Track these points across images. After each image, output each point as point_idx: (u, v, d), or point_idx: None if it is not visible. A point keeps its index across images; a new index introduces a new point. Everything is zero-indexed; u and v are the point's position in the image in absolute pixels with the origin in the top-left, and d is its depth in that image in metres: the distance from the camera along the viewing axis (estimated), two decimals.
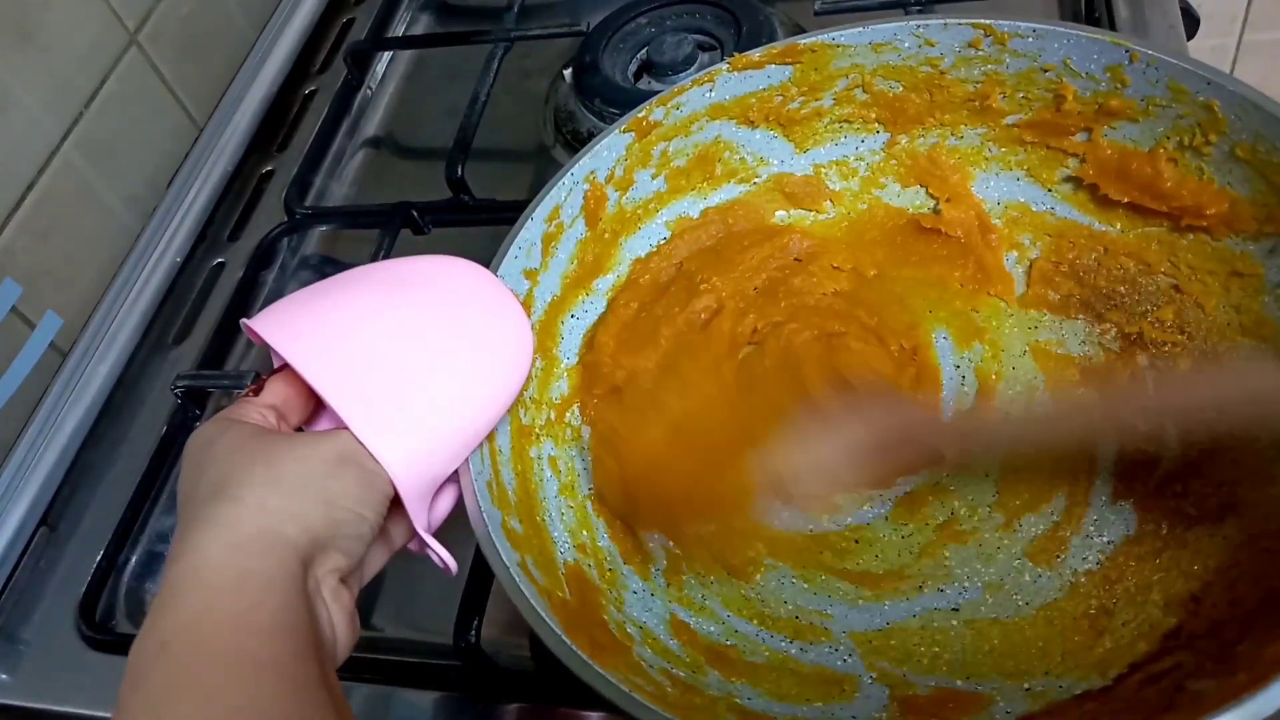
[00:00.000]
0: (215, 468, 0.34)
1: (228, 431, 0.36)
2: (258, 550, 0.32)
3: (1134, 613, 0.40)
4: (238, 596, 0.31)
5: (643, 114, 0.50)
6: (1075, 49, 0.46)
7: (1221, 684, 0.32)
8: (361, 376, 0.37)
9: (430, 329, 0.39)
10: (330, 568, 0.34)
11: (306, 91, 0.79)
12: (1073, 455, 0.45)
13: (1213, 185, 0.44)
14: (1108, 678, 0.38)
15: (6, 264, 0.62)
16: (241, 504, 0.33)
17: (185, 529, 0.33)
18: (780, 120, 0.53)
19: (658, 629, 0.43)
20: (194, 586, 0.31)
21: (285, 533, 0.32)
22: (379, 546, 0.39)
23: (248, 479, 0.33)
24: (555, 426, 0.48)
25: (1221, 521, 0.40)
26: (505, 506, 0.41)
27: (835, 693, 0.40)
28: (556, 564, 0.42)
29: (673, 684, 0.39)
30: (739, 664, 0.42)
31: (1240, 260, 0.44)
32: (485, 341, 0.41)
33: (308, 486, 0.34)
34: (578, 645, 0.35)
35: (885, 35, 0.49)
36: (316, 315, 0.39)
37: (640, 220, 0.52)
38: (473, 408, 0.40)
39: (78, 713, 0.52)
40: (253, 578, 0.31)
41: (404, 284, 0.41)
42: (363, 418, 0.36)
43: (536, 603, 0.37)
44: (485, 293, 0.43)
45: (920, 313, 0.51)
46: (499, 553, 0.38)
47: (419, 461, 0.37)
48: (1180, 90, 0.44)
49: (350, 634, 0.35)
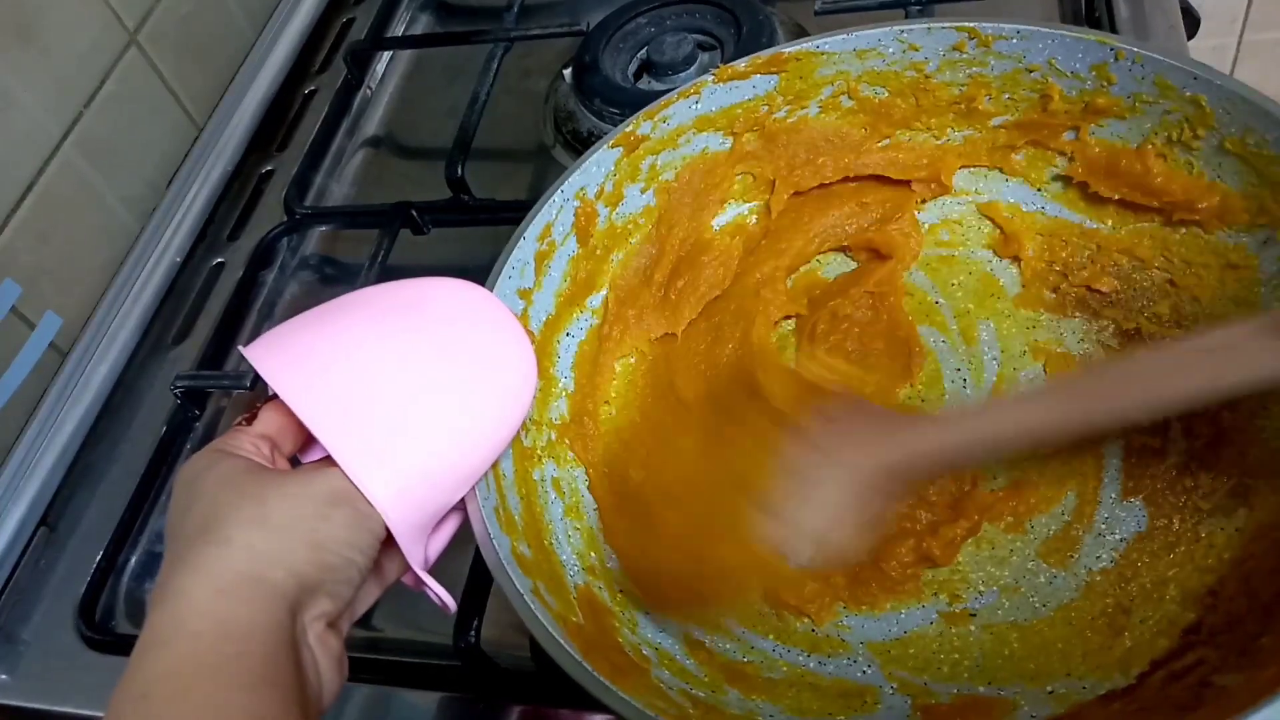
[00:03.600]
0: (203, 504, 0.33)
1: (218, 464, 0.35)
2: (243, 596, 0.31)
3: (1152, 609, 0.40)
4: (221, 645, 0.30)
5: (630, 128, 0.50)
6: (1060, 49, 0.46)
7: (1249, 678, 0.32)
8: (356, 411, 0.35)
9: (429, 360, 0.38)
10: (317, 613, 0.33)
11: (306, 91, 0.79)
12: (1079, 453, 0.45)
13: (1203, 179, 0.44)
14: (1130, 676, 0.38)
15: (6, 264, 0.62)
16: (229, 545, 0.32)
17: (170, 568, 0.32)
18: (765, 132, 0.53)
19: (673, 649, 0.42)
20: (177, 634, 0.30)
21: (272, 578, 0.32)
22: (372, 582, 0.38)
23: (235, 518, 0.32)
24: (556, 447, 0.47)
25: (1233, 514, 0.40)
26: (513, 532, 0.41)
27: (857, 705, 0.40)
28: (567, 588, 0.42)
29: (694, 705, 0.39)
30: (758, 681, 0.41)
31: (1234, 253, 0.44)
32: (487, 369, 0.40)
33: (297, 529, 0.33)
34: (598, 670, 0.35)
35: (869, 41, 0.49)
36: (312, 346, 0.37)
37: (630, 235, 0.52)
38: (473, 440, 0.38)
39: (77, 713, 0.52)
40: (237, 625, 0.30)
41: (404, 310, 0.40)
42: (355, 456, 0.34)
43: (554, 629, 0.36)
44: (486, 317, 0.41)
45: (918, 315, 0.51)
46: (512, 580, 0.37)
47: (414, 499, 0.36)
48: (1167, 86, 0.44)
49: (337, 679, 0.34)
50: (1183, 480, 0.43)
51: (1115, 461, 0.45)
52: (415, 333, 0.39)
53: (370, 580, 0.38)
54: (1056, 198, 0.50)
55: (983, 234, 0.52)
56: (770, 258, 0.53)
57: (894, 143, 0.52)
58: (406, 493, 0.35)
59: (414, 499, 0.36)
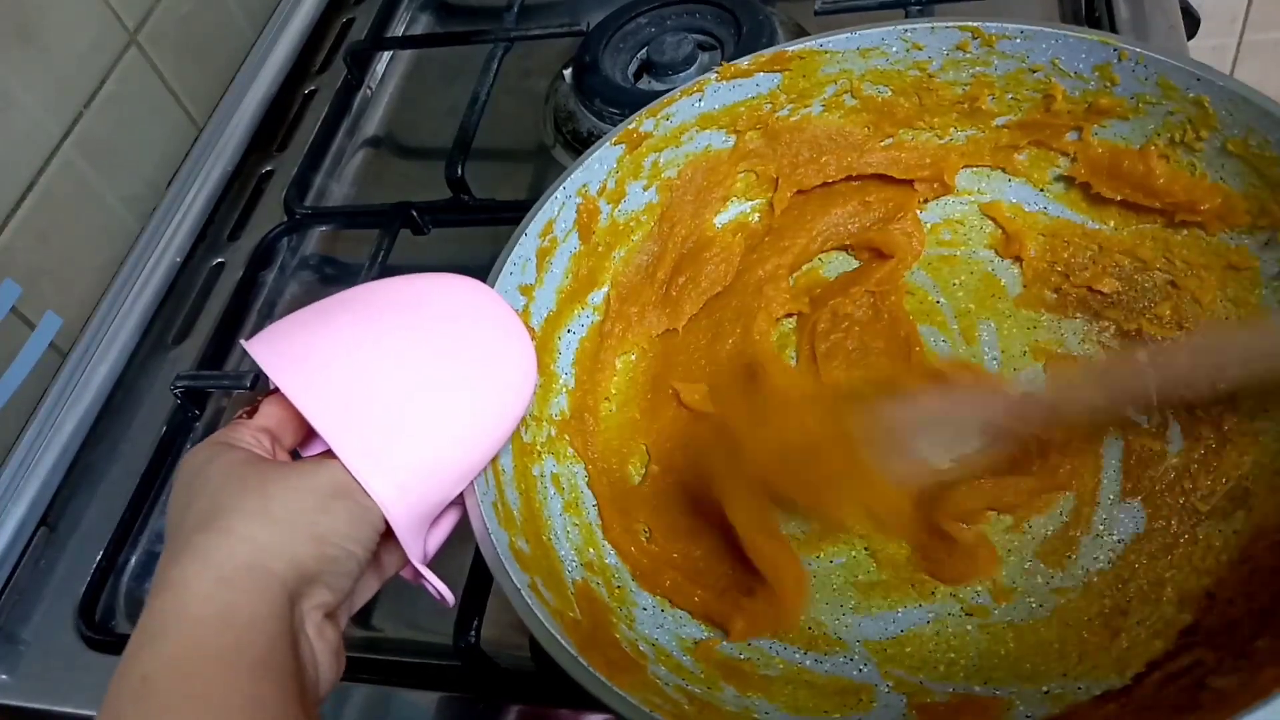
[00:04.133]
0: (205, 495, 0.34)
1: (220, 456, 0.35)
2: (245, 585, 0.31)
3: (1149, 611, 0.40)
4: (223, 633, 0.30)
5: (633, 125, 0.50)
6: (1063, 49, 0.46)
7: (1244, 681, 0.32)
8: (356, 406, 0.36)
9: (430, 355, 0.38)
10: (316, 603, 0.34)
11: (306, 91, 0.79)
12: (1078, 453, 0.45)
13: (1205, 180, 0.44)
14: (1126, 677, 0.38)
15: (6, 264, 0.62)
16: (231, 536, 0.32)
17: (172, 557, 0.32)
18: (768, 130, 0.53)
19: (670, 645, 0.42)
20: (179, 620, 0.30)
21: (273, 568, 0.32)
22: (371, 575, 0.38)
23: (238, 509, 0.33)
24: (556, 443, 0.47)
25: (1231, 516, 0.40)
26: (511, 527, 0.41)
27: (852, 703, 0.40)
28: (565, 584, 0.42)
29: (690, 701, 0.39)
30: (754, 678, 0.41)
31: (1235, 254, 0.44)
32: (486, 365, 0.40)
33: (298, 521, 0.33)
34: (594, 666, 0.35)
35: (873, 40, 0.49)
36: (314, 340, 0.38)
37: (633, 232, 0.52)
38: (473, 435, 0.39)
39: (77, 713, 0.52)
40: (239, 614, 0.31)
41: (405, 306, 0.40)
42: (355, 450, 0.35)
43: (550, 625, 0.36)
44: (487, 313, 0.42)
45: (919, 314, 0.51)
46: (509, 575, 0.37)
47: (413, 493, 0.36)
48: (1170, 87, 0.44)
49: (334, 669, 0.34)
50: (1181, 482, 0.43)
51: (1114, 462, 0.45)
52: (416, 328, 0.39)
53: (370, 573, 0.38)
54: (1059, 198, 0.50)
55: (984, 234, 0.52)
56: (772, 255, 0.53)
57: (897, 142, 0.52)
58: (406, 487, 0.36)
59: (414, 493, 0.36)
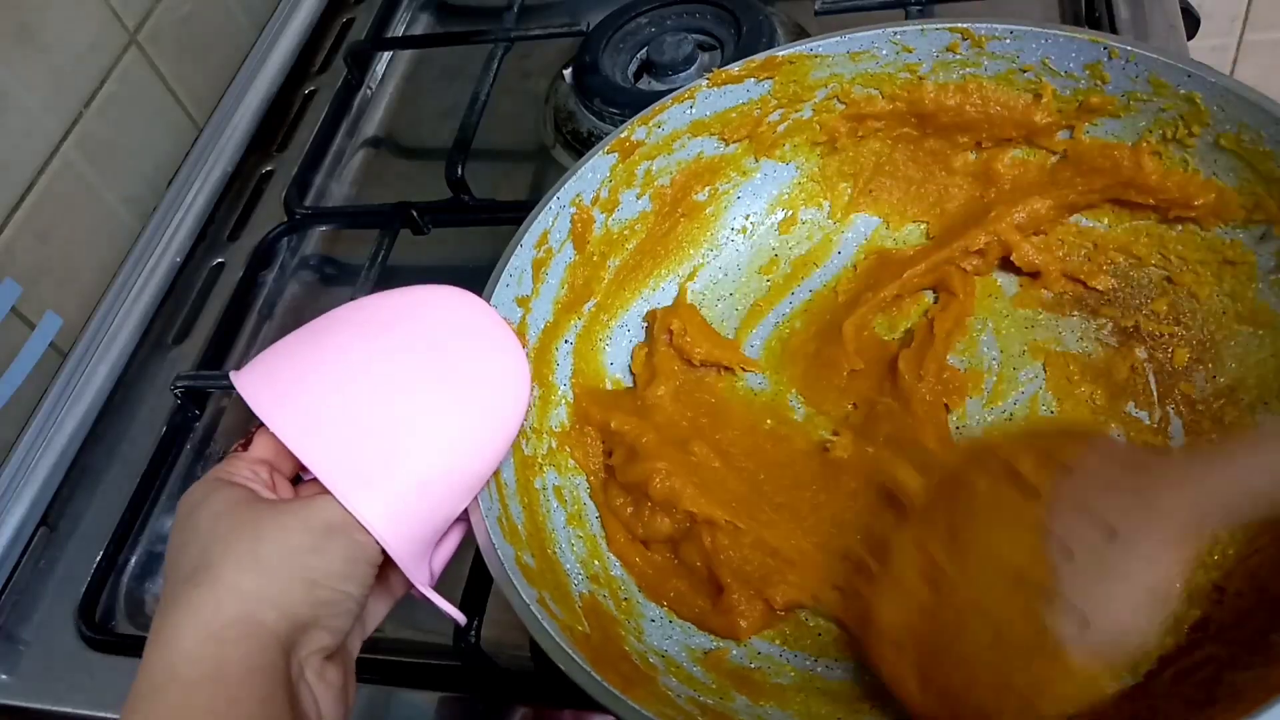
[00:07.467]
0: (198, 540, 0.33)
1: (215, 494, 0.35)
2: (235, 638, 0.31)
3: None
4: (214, 692, 0.30)
5: (625, 134, 0.49)
6: (1053, 48, 0.46)
7: (1261, 675, 0.32)
8: (346, 437, 0.35)
9: (421, 377, 0.38)
10: (314, 649, 0.33)
11: (306, 91, 0.79)
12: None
13: (1198, 176, 0.44)
14: (1138, 675, 0.37)
15: (6, 264, 0.62)
16: (219, 586, 0.32)
17: (166, 608, 0.32)
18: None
19: (680, 656, 0.42)
20: (169, 680, 0.30)
21: (264, 619, 0.31)
22: (381, 597, 0.38)
23: (228, 555, 0.32)
24: (557, 455, 0.47)
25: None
26: (516, 541, 0.41)
27: (865, 710, 0.40)
28: (573, 597, 0.42)
29: (702, 712, 0.38)
30: (765, 687, 0.41)
31: (1231, 249, 0.44)
32: (479, 381, 0.40)
33: (289, 565, 0.32)
34: (607, 680, 0.35)
35: (863, 44, 0.49)
36: (302, 373, 0.37)
37: (627, 241, 0.52)
38: (469, 456, 0.38)
39: (77, 713, 0.52)
40: (230, 669, 0.30)
41: (394, 325, 0.39)
42: (347, 485, 0.34)
43: (562, 640, 0.36)
44: (478, 326, 0.41)
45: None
46: (518, 591, 0.37)
47: (411, 520, 0.35)
48: (1161, 84, 0.44)
49: (339, 712, 0.34)
50: None
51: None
52: (406, 351, 0.38)
53: (379, 595, 0.38)
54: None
55: None
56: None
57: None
58: (403, 515, 0.35)
59: (411, 520, 0.36)
